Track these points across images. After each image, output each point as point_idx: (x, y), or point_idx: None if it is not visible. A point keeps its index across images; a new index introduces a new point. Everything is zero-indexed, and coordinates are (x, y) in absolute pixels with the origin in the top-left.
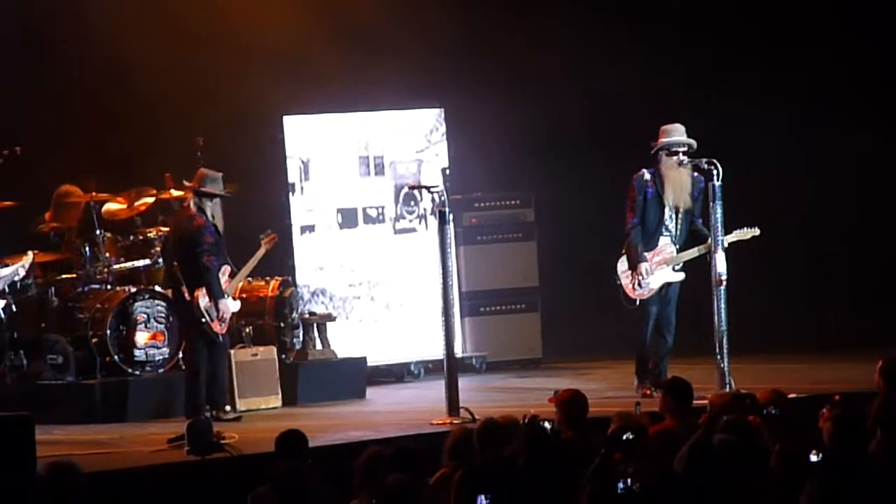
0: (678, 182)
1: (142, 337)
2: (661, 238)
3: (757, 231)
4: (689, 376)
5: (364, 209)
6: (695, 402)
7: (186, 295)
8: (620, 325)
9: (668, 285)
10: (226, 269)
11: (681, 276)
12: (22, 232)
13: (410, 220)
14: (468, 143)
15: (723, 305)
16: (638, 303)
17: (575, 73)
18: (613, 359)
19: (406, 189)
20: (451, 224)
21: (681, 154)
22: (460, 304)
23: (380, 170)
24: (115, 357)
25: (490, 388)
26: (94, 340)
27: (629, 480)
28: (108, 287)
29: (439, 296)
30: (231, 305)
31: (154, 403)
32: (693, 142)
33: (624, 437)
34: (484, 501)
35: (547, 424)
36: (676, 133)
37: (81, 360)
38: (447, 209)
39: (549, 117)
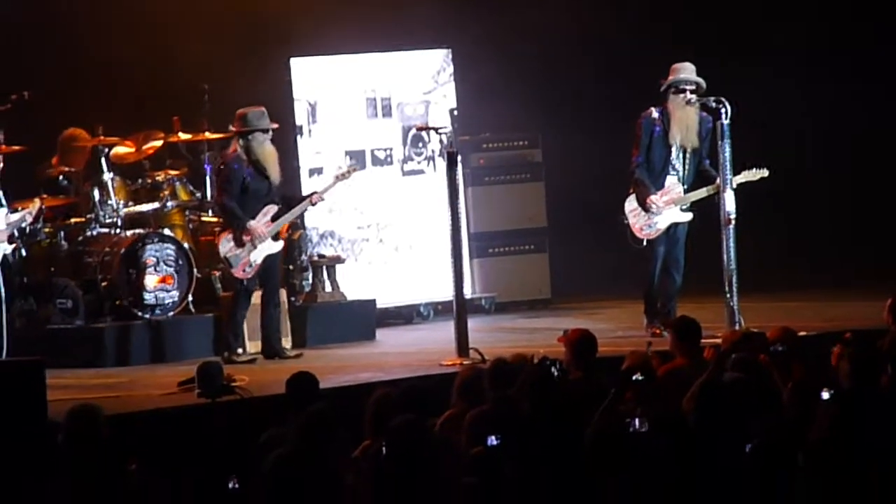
0: (684, 121)
1: (151, 280)
2: (668, 177)
3: (766, 172)
4: (699, 316)
5: (372, 151)
6: (704, 340)
7: None
8: (629, 266)
9: (675, 225)
10: (269, 209)
11: (689, 216)
12: (31, 177)
13: (418, 162)
14: (476, 83)
15: (732, 245)
16: (645, 243)
17: (583, 10)
18: (622, 299)
19: (414, 130)
20: (460, 165)
21: (688, 92)
22: (469, 246)
23: (387, 111)
24: (125, 301)
25: (499, 329)
26: (103, 284)
27: (638, 420)
28: (118, 231)
29: (448, 237)
30: (268, 247)
31: (164, 347)
32: (701, 80)
33: (634, 378)
34: (494, 442)
35: (554, 367)
36: (685, 71)
37: (91, 304)
38: (455, 150)
39: (556, 57)
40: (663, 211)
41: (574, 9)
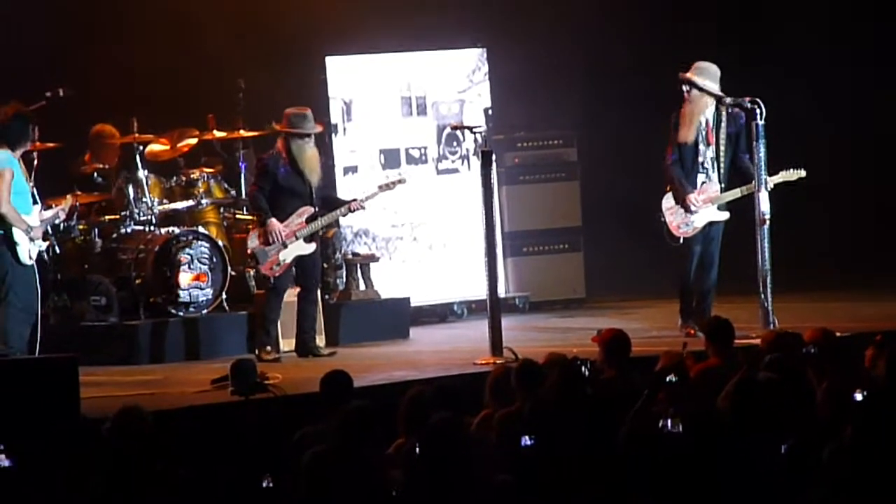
0: (688, 117)
1: (185, 278)
2: (699, 176)
3: (803, 173)
4: (733, 315)
5: (407, 150)
6: (738, 341)
7: None
8: (664, 265)
9: (712, 224)
10: (304, 211)
11: (725, 215)
12: (66, 173)
13: (453, 161)
14: (510, 82)
15: (766, 244)
16: (682, 241)
17: (616, 9)
18: (657, 298)
19: (448, 129)
20: (494, 164)
21: (685, 92)
22: (503, 245)
23: (422, 110)
24: (159, 298)
25: (533, 328)
26: (137, 281)
27: (671, 420)
28: (152, 228)
29: (482, 236)
30: (298, 248)
31: (197, 344)
32: (702, 82)
33: (668, 378)
34: (528, 442)
35: (584, 367)
36: (692, 70)
37: (125, 302)
38: (490, 149)
39: (591, 56)
40: (700, 209)
41: (608, 6)
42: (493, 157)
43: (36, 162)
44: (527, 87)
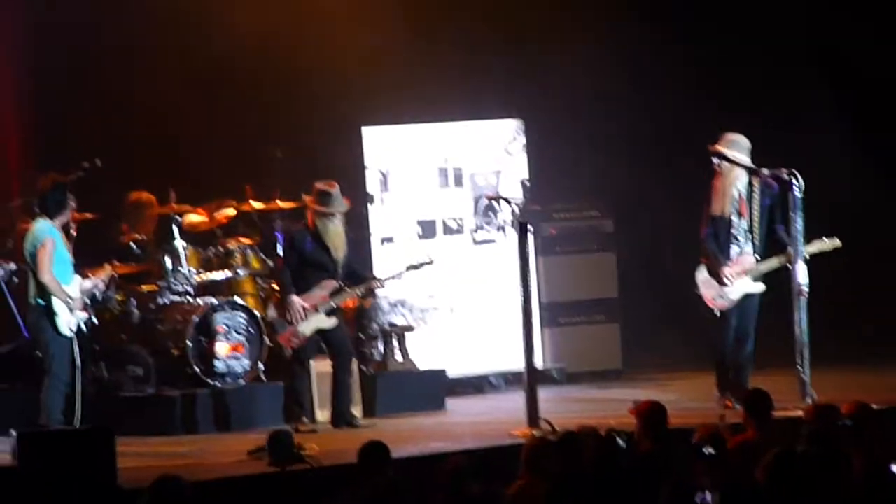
0: (720, 190)
1: (222, 348)
2: (733, 248)
3: (838, 242)
4: (770, 387)
5: (443, 220)
6: (776, 413)
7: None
8: (700, 336)
9: (747, 296)
10: (327, 284)
11: (760, 287)
12: (103, 243)
13: (489, 231)
14: (547, 154)
15: (804, 316)
16: (718, 313)
17: (653, 84)
18: (693, 370)
19: (485, 200)
20: (531, 235)
21: (714, 164)
22: (539, 315)
23: (459, 181)
24: (196, 368)
25: (570, 400)
26: (174, 352)
27: (708, 493)
28: (190, 298)
29: (519, 307)
30: (318, 321)
31: (234, 415)
32: (731, 153)
33: (705, 450)
34: None
35: (619, 438)
36: (721, 142)
37: (162, 372)
38: (526, 220)
39: (628, 128)
40: (736, 282)
41: (643, 80)
42: (530, 228)
43: (74, 232)
44: (563, 158)
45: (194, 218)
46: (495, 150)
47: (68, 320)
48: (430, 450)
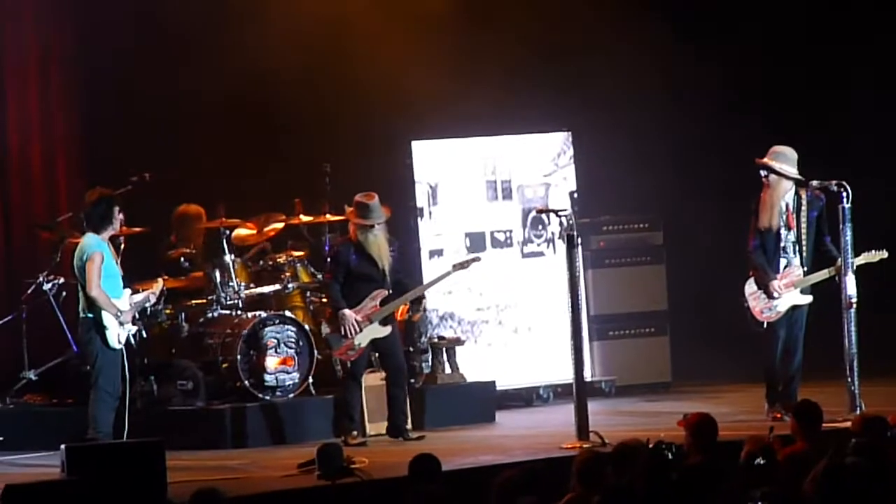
0: (767, 203)
1: (272, 362)
2: (781, 260)
3: (885, 254)
4: (819, 399)
5: (492, 233)
6: (825, 425)
7: None
8: (750, 348)
9: (795, 307)
10: (378, 294)
11: (808, 298)
12: (153, 257)
13: (538, 244)
14: (596, 166)
15: (853, 328)
16: (766, 325)
17: (700, 94)
18: (743, 382)
19: (534, 213)
20: (580, 248)
21: (762, 177)
22: (588, 328)
23: (507, 194)
24: (245, 382)
25: (619, 412)
26: (224, 366)
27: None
28: (239, 312)
29: (568, 319)
30: (374, 331)
31: (283, 428)
32: (781, 167)
33: (755, 462)
34: None
35: (667, 451)
36: (769, 156)
37: (211, 386)
38: (575, 233)
39: (676, 139)
40: (784, 294)
41: (693, 91)
42: (579, 240)
43: (123, 246)
44: (612, 170)
45: (243, 232)
46: (544, 163)
47: (118, 333)
48: (481, 462)
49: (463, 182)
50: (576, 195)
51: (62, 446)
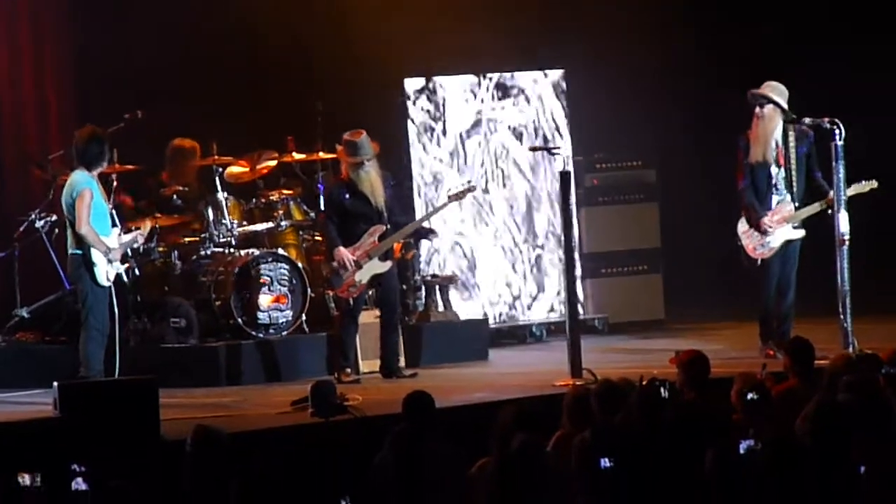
0: (759, 137)
1: (265, 300)
2: (774, 197)
3: (875, 183)
4: (812, 336)
5: (486, 171)
6: (818, 362)
7: None
8: (743, 286)
9: (788, 243)
10: (375, 230)
11: (801, 233)
12: (145, 195)
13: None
14: (590, 104)
15: (846, 265)
16: (759, 262)
17: (697, 31)
18: (736, 320)
19: (528, 151)
20: (573, 186)
21: (758, 108)
22: (582, 266)
23: (501, 132)
24: (239, 320)
25: (612, 350)
26: (217, 303)
27: (751, 442)
28: (232, 250)
29: (561, 257)
30: (374, 266)
31: (277, 366)
32: (775, 97)
33: (747, 398)
34: (607, 464)
35: (663, 388)
36: (765, 89)
37: (204, 324)
38: (569, 171)
39: (670, 78)
40: (776, 230)
41: (689, 30)
42: (573, 178)
43: (115, 184)
44: (606, 108)
45: (236, 169)
46: (537, 101)
47: (106, 271)
48: (474, 399)
49: (456, 120)
50: (569, 133)
51: (55, 384)
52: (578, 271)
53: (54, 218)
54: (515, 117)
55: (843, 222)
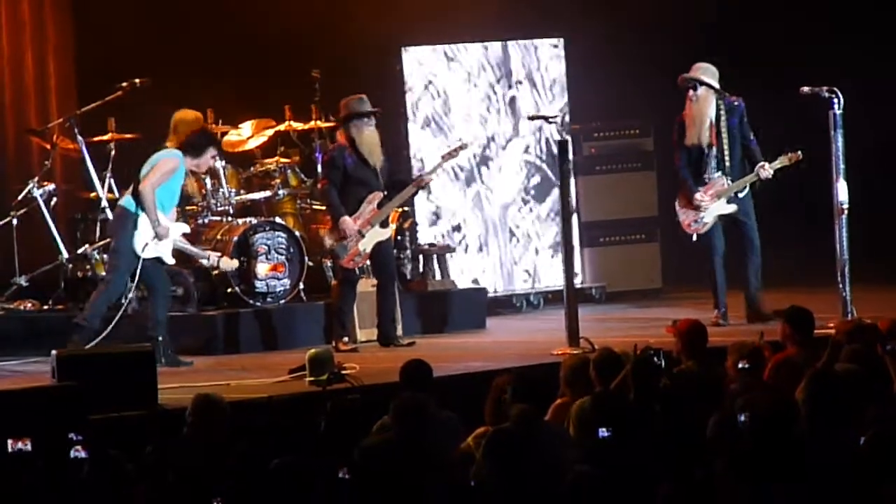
0: (694, 118)
1: (263, 268)
2: (709, 175)
3: (800, 154)
4: (811, 306)
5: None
6: (816, 331)
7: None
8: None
9: (722, 217)
10: (374, 197)
11: (733, 207)
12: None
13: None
14: (587, 73)
15: (844, 234)
16: (695, 237)
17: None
18: (733, 289)
19: (526, 120)
20: (570, 154)
21: (691, 91)
22: (579, 235)
23: (499, 101)
24: (237, 288)
25: (610, 319)
26: (215, 272)
27: (747, 412)
28: (229, 219)
29: (558, 226)
30: (376, 234)
31: (274, 335)
32: (707, 79)
33: (739, 366)
34: (605, 434)
35: (657, 356)
36: (694, 71)
37: (203, 292)
38: (566, 139)
39: (666, 46)
40: (709, 206)
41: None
42: (570, 147)
43: (113, 153)
44: (603, 77)
45: (233, 137)
46: (534, 70)
47: (145, 242)
48: (472, 368)
49: (454, 89)
50: (567, 101)
51: (53, 352)
52: (576, 240)
53: (52, 187)
54: (515, 86)
55: (842, 191)
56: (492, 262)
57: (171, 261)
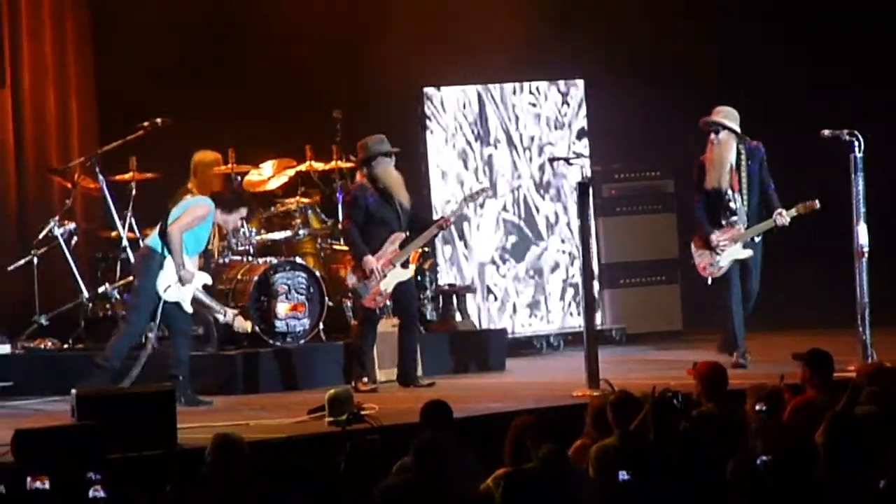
0: (714, 162)
1: (282, 308)
2: (732, 218)
3: (817, 204)
4: (831, 349)
5: (506, 181)
6: (836, 374)
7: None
8: (762, 297)
9: (737, 262)
10: (396, 237)
11: (749, 252)
12: (164, 203)
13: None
14: (608, 114)
15: (864, 277)
16: (710, 281)
17: (712, 43)
18: (754, 331)
19: (546, 161)
20: (591, 196)
21: (712, 135)
22: (599, 276)
23: (520, 142)
24: (256, 328)
25: (630, 361)
26: (234, 312)
27: (767, 454)
28: (250, 258)
29: (579, 268)
30: (397, 275)
31: (294, 374)
32: (729, 123)
33: (758, 408)
34: (625, 477)
35: (676, 399)
36: (716, 115)
37: (222, 331)
38: (587, 181)
39: (688, 89)
40: (725, 249)
41: (704, 43)
42: (591, 188)
43: (134, 192)
44: (625, 118)
45: (254, 178)
46: (556, 112)
47: (168, 284)
48: (492, 409)
49: (475, 130)
50: (588, 144)
51: (72, 391)
52: (596, 282)
53: (73, 226)
54: (536, 127)
55: (863, 234)
56: (511, 303)
57: (189, 309)
